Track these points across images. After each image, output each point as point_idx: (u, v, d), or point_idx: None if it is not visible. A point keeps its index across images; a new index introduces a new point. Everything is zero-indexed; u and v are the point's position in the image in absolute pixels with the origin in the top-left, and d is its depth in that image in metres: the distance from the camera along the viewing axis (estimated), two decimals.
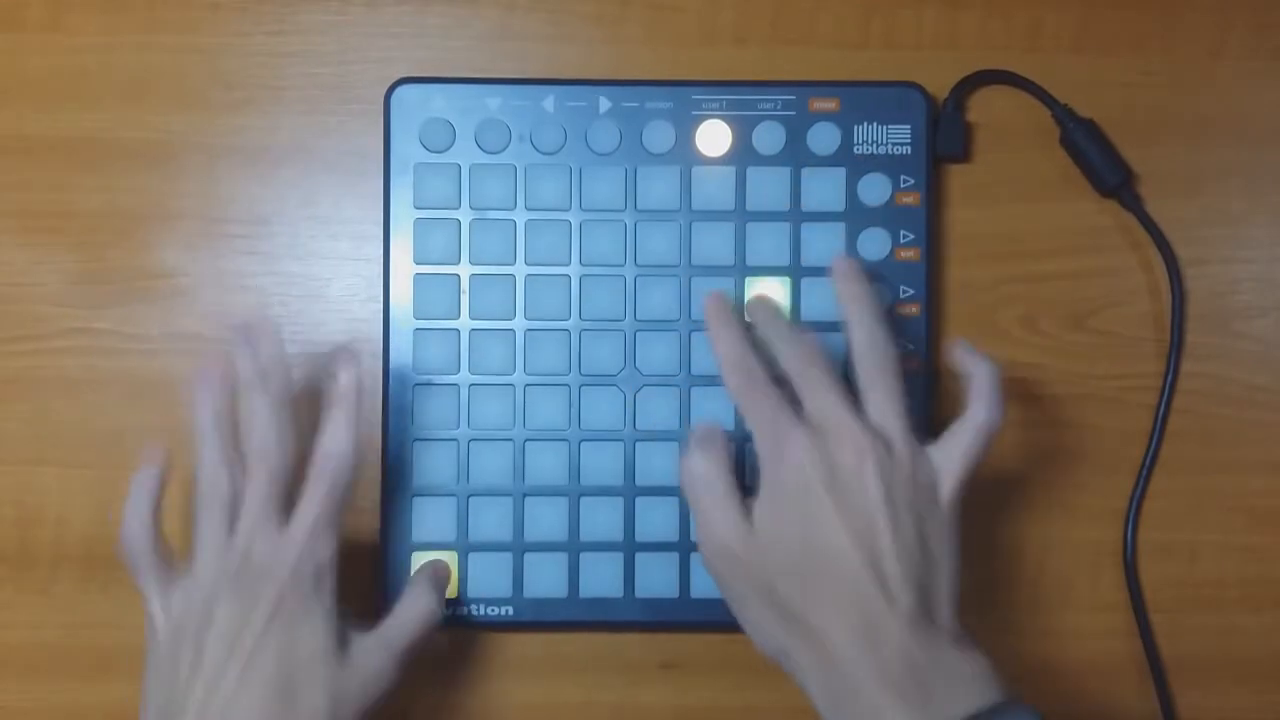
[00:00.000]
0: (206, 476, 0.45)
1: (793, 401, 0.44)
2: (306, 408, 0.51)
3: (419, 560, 0.50)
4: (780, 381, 0.44)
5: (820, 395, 0.43)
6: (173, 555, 0.45)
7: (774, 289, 0.50)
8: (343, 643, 0.44)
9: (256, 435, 0.45)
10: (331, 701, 0.42)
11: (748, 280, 0.50)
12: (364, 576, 0.50)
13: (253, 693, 0.41)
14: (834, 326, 0.47)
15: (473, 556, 0.50)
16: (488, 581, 0.50)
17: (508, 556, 0.50)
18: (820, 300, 0.50)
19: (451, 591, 0.50)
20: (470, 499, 0.50)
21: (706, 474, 0.44)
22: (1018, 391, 0.52)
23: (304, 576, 0.43)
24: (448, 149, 0.51)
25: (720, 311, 0.46)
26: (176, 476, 0.47)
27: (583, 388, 0.50)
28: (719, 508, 0.43)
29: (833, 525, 0.41)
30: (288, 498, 0.45)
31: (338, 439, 0.45)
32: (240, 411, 0.45)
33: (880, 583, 0.41)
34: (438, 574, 0.49)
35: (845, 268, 0.46)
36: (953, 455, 0.43)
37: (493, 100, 0.51)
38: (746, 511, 0.43)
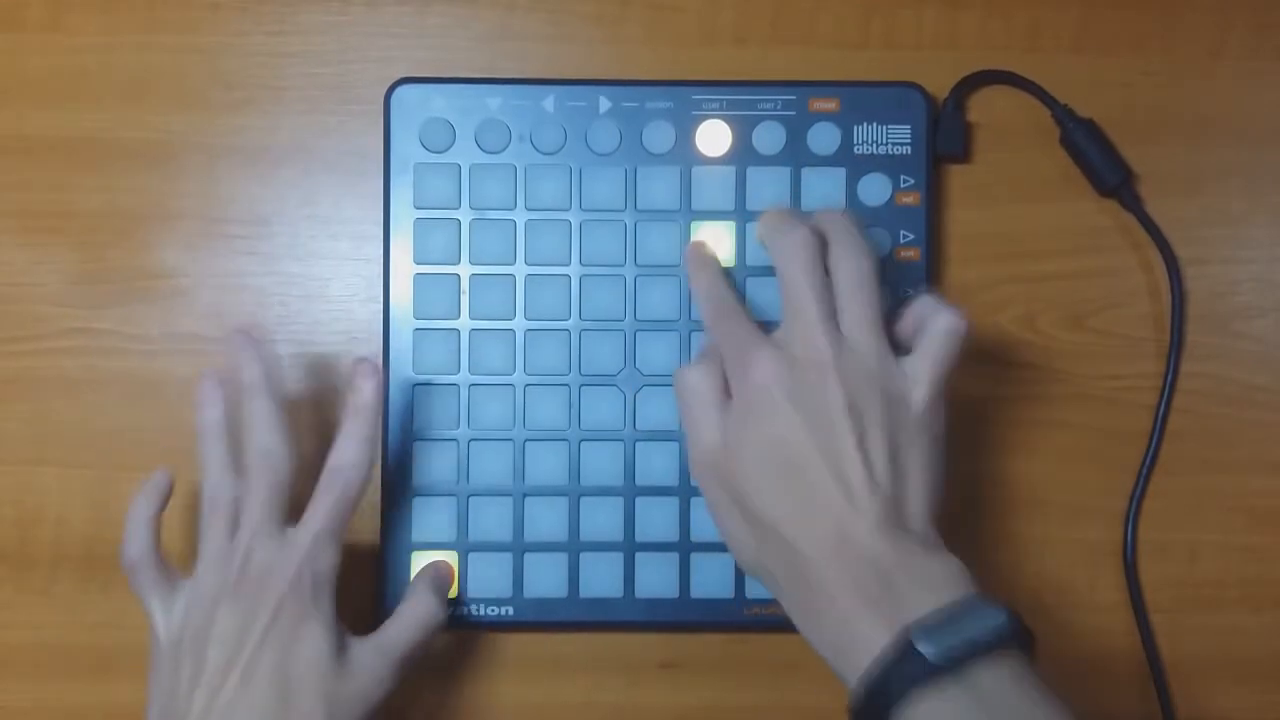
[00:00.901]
0: (210, 483, 0.45)
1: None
2: (309, 411, 0.51)
3: (419, 560, 0.50)
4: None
5: (801, 311, 0.43)
6: (173, 567, 0.46)
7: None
8: (341, 650, 0.44)
9: (258, 439, 0.45)
10: (329, 709, 0.43)
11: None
12: (364, 577, 0.50)
13: (252, 701, 0.42)
14: None
15: (473, 556, 0.50)
16: (488, 581, 0.50)
17: (508, 556, 0.50)
18: None
19: (451, 591, 0.50)
20: (470, 499, 0.50)
21: (698, 385, 0.44)
22: (1018, 392, 0.52)
23: (303, 585, 0.43)
24: (448, 149, 0.51)
25: (699, 255, 0.49)
26: (180, 487, 0.48)
27: (583, 388, 0.50)
28: (705, 418, 0.44)
29: (798, 436, 0.41)
30: (289, 504, 0.45)
31: (351, 452, 0.45)
32: (243, 417, 0.46)
33: (847, 492, 0.40)
34: (439, 576, 0.49)
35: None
36: (923, 364, 0.43)
37: (493, 100, 0.51)
38: (724, 426, 0.43)
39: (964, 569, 0.40)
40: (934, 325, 0.43)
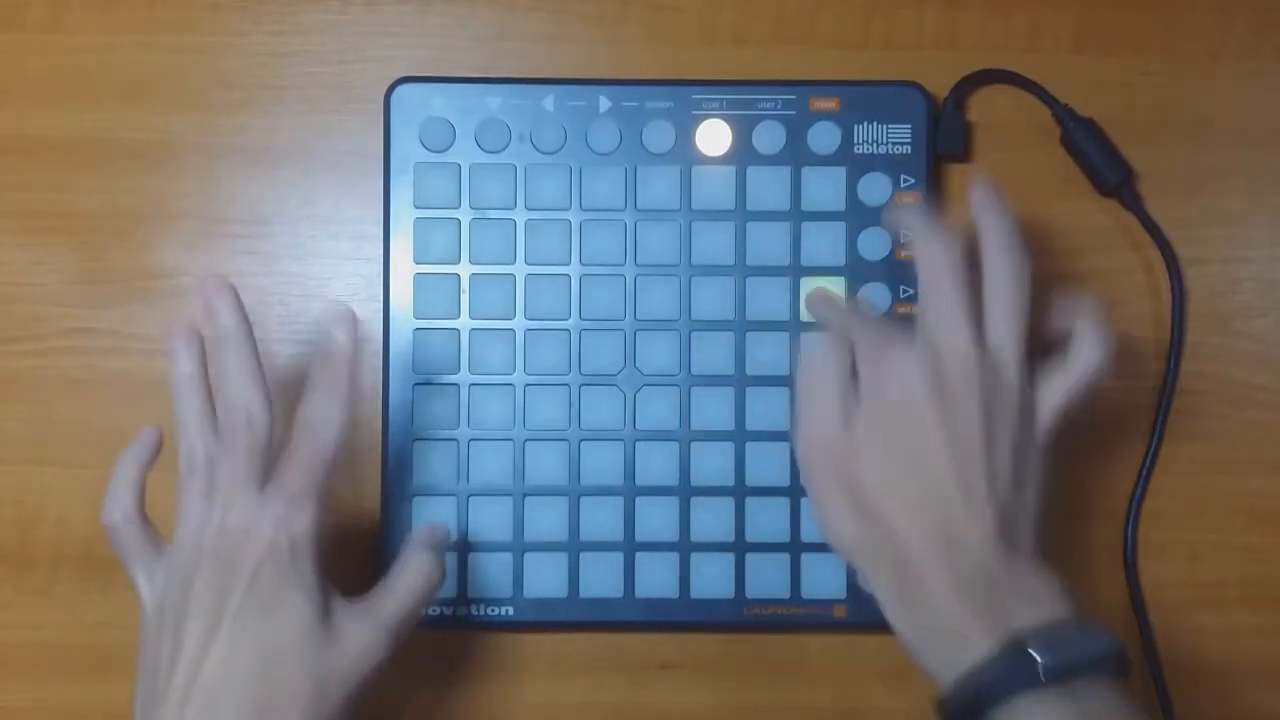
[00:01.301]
0: (186, 442, 0.43)
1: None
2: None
3: None
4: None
5: (940, 306, 0.43)
6: (156, 532, 0.44)
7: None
8: (327, 617, 0.42)
9: (233, 393, 0.43)
10: (315, 683, 0.40)
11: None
12: (364, 577, 0.50)
13: (231, 680, 0.40)
14: None
15: (473, 556, 0.50)
16: (488, 581, 0.50)
17: (508, 556, 0.50)
18: None
19: (451, 592, 0.50)
20: (470, 499, 0.50)
21: (826, 368, 0.44)
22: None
23: (280, 549, 0.41)
24: (448, 148, 0.51)
25: (824, 297, 0.49)
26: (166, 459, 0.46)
27: (583, 387, 0.50)
28: (827, 401, 0.43)
29: (931, 434, 0.41)
30: (269, 462, 0.43)
31: (321, 404, 0.43)
32: (217, 368, 0.44)
33: (967, 496, 0.41)
34: (435, 537, 0.47)
35: (984, 198, 0.45)
36: (1056, 390, 0.43)
37: (493, 100, 0.51)
38: (849, 416, 0.43)
39: (1067, 588, 0.41)
40: (1082, 354, 0.44)
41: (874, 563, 0.42)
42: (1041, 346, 0.44)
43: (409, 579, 0.44)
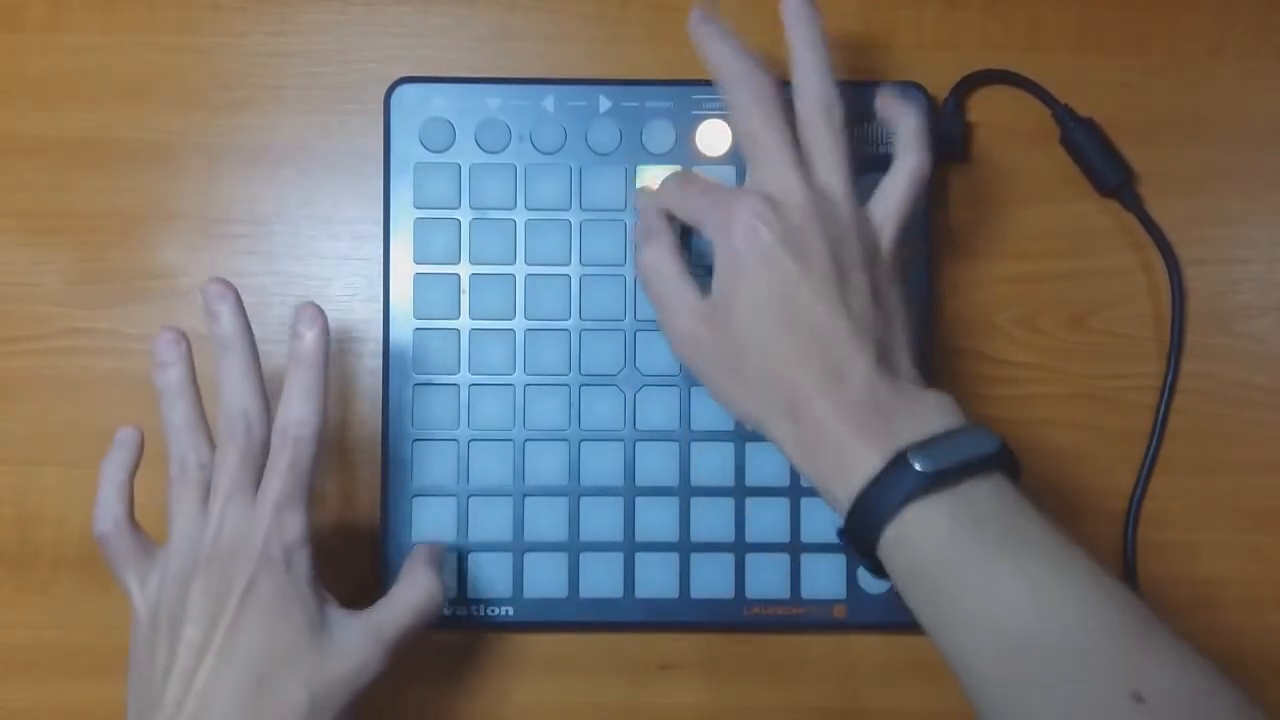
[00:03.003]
0: (177, 448, 0.43)
1: None
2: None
3: None
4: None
5: (769, 158, 0.43)
6: (148, 538, 0.44)
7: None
8: (324, 628, 0.42)
9: (232, 399, 0.43)
10: (310, 693, 0.40)
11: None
12: (364, 577, 0.50)
13: (226, 689, 0.40)
14: None
15: (473, 556, 0.50)
16: (488, 581, 0.50)
17: (508, 556, 0.50)
18: None
19: (451, 592, 0.50)
20: (470, 499, 0.50)
21: (657, 263, 0.44)
22: (1017, 392, 0.52)
23: (274, 558, 0.41)
24: (448, 149, 0.51)
25: (643, 190, 0.48)
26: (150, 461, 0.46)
27: (583, 387, 0.50)
28: (676, 292, 0.44)
29: (790, 282, 0.41)
30: (262, 468, 0.43)
31: (297, 407, 0.42)
32: (216, 373, 0.44)
33: (838, 334, 0.41)
34: (434, 556, 0.47)
35: (798, 6, 0.45)
36: (889, 208, 0.44)
37: (493, 100, 0.51)
38: (703, 289, 0.43)
39: (954, 401, 0.41)
40: (902, 164, 0.44)
41: (772, 418, 0.42)
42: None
43: (411, 595, 0.44)
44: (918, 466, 0.38)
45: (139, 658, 0.42)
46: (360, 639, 0.42)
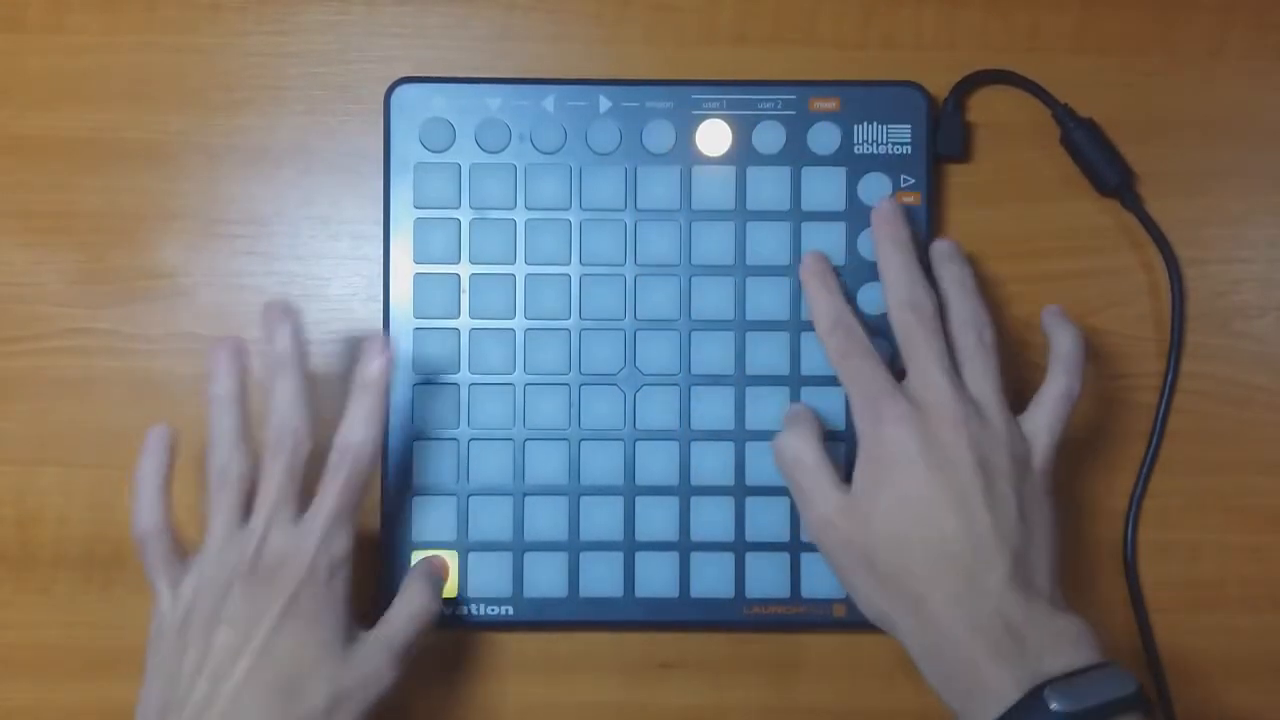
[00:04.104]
0: (220, 457, 0.44)
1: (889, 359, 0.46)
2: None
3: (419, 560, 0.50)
4: (874, 331, 0.47)
5: (923, 364, 0.45)
6: (182, 542, 0.45)
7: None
8: (349, 640, 0.44)
9: (282, 416, 0.44)
10: (333, 700, 0.42)
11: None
12: (364, 577, 0.50)
13: (257, 691, 0.41)
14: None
15: (473, 556, 0.50)
16: (488, 581, 0.50)
17: (508, 556, 0.50)
18: None
19: (451, 591, 0.50)
20: (470, 499, 0.50)
21: (799, 452, 0.45)
22: (1018, 392, 0.52)
23: (319, 571, 0.43)
24: (448, 149, 0.51)
25: (820, 269, 0.48)
26: (183, 462, 0.47)
27: (583, 387, 0.50)
28: (816, 483, 0.45)
29: (931, 494, 0.42)
30: (306, 487, 0.44)
31: (359, 429, 0.45)
32: (269, 390, 0.45)
33: (977, 547, 0.42)
34: (434, 570, 0.49)
35: (947, 250, 0.48)
36: (1040, 425, 0.45)
37: (493, 100, 0.51)
38: (844, 481, 0.45)
39: (1091, 630, 0.41)
40: (1055, 386, 0.46)
41: (901, 628, 0.43)
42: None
43: (410, 606, 0.46)
44: (1054, 706, 0.38)
45: (164, 657, 0.43)
46: (376, 651, 0.44)
